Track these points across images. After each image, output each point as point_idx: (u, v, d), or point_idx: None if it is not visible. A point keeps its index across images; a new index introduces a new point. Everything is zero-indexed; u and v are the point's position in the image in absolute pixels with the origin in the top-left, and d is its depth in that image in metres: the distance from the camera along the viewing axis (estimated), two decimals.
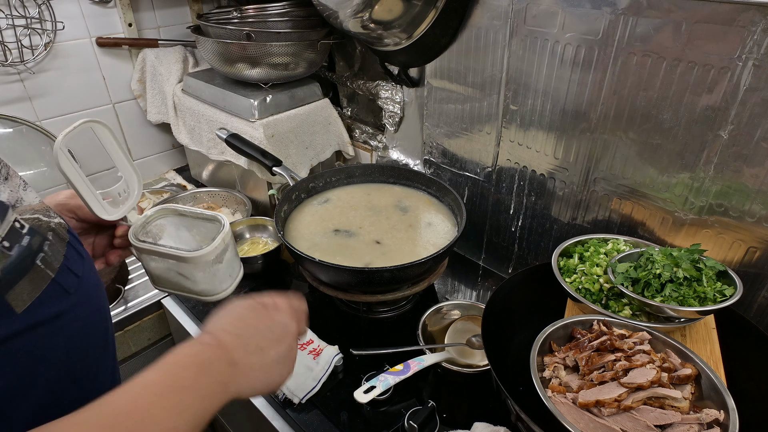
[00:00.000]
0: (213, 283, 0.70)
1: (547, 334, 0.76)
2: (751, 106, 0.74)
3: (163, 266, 0.69)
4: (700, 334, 0.81)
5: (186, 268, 0.68)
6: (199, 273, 0.68)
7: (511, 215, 1.17)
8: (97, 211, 0.62)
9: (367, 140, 1.51)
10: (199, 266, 0.68)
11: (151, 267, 0.70)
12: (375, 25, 1.08)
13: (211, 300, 0.71)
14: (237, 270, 0.75)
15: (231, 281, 0.73)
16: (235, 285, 0.74)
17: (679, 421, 0.62)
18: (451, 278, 1.26)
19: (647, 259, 0.81)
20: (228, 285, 0.72)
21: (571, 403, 0.66)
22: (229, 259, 0.72)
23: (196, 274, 0.68)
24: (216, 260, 0.69)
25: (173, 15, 1.58)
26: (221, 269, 0.70)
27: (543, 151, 1.04)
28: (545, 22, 0.91)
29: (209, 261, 0.68)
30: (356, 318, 1.11)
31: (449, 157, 1.25)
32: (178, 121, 1.53)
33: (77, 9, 1.37)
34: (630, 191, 0.93)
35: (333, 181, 1.24)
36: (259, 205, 1.48)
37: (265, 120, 1.29)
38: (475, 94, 1.11)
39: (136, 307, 1.20)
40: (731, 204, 0.81)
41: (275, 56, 1.26)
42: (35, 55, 1.32)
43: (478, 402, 0.90)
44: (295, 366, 0.94)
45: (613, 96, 0.88)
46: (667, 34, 0.78)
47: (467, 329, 1.01)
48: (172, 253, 0.67)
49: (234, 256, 0.74)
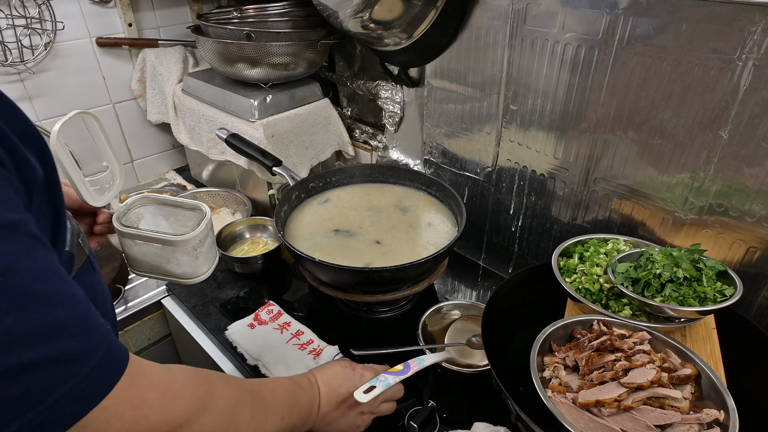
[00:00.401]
0: (194, 266, 0.75)
1: (547, 334, 0.75)
2: (751, 106, 0.74)
3: (146, 250, 0.73)
4: (700, 334, 0.81)
5: (171, 251, 0.72)
6: (183, 256, 0.73)
7: (511, 215, 1.17)
8: (85, 197, 0.66)
9: (367, 140, 1.51)
10: (184, 250, 0.72)
11: (133, 251, 0.73)
12: (375, 25, 1.08)
13: (191, 282, 0.77)
14: (214, 255, 0.80)
15: (210, 265, 0.79)
16: (213, 269, 0.79)
17: (679, 421, 0.62)
18: (451, 278, 1.26)
19: (647, 259, 0.81)
20: (207, 268, 0.78)
21: (571, 403, 0.66)
22: (210, 244, 0.77)
23: (180, 258, 0.73)
24: (199, 244, 0.74)
25: (173, 15, 1.58)
26: (203, 253, 0.75)
27: (543, 151, 1.04)
28: (545, 22, 0.91)
29: (194, 245, 0.73)
30: (356, 318, 1.11)
31: (449, 157, 1.25)
32: (178, 121, 1.53)
33: (77, 9, 1.37)
34: (630, 191, 0.93)
35: (333, 181, 1.24)
36: (259, 205, 1.48)
37: (265, 120, 1.29)
38: (475, 94, 1.11)
39: (136, 307, 1.21)
40: (731, 204, 0.81)
41: (275, 56, 1.26)
42: (35, 55, 1.32)
43: (478, 402, 0.90)
44: (295, 366, 0.95)
45: (613, 96, 0.88)
46: (667, 34, 0.78)
47: (467, 329, 1.01)
48: (160, 237, 0.71)
49: (213, 242, 0.79)
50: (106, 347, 0.43)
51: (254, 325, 1.05)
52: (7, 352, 0.36)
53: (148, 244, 0.72)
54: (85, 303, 0.43)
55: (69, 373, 0.40)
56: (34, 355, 0.37)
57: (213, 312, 1.13)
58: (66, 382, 0.39)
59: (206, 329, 1.09)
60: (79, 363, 0.40)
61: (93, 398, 0.42)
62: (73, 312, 0.41)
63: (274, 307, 1.10)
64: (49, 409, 0.38)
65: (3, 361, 0.36)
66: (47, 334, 0.38)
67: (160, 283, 1.26)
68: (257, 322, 1.06)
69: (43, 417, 0.38)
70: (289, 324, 1.05)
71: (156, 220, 0.77)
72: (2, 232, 0.37)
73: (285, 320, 1.06)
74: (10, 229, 0.38)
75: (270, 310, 1.09)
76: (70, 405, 0.40)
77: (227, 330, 1.04)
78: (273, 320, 1.07)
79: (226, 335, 1.04)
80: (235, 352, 1.01)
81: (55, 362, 0.39)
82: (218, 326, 1.08)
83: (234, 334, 1.03)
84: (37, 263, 0.39)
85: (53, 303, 0.39)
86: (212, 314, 1.12)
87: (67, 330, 0.40)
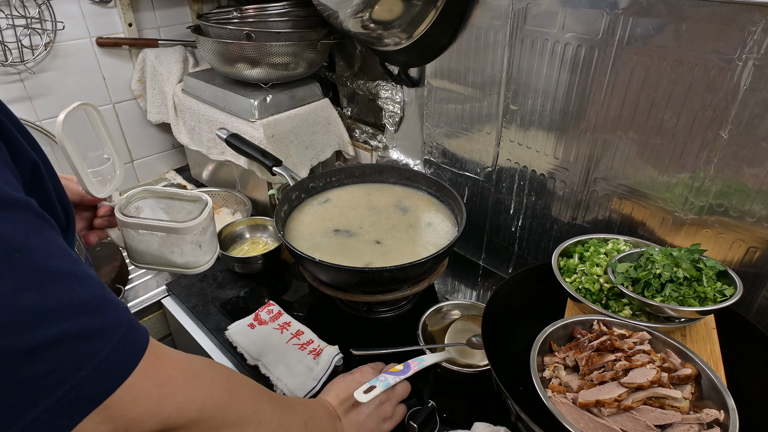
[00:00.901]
0: (197, 255, 0.76)
1: (547, 334, 0.76)
2: (751, 106, 0.74)
3: (149, 240, 0.73)
4: (700, 334, 0.81)
5: (174, 240, 0.73)
6: (186, 245, 0.73)
7: (511, 215, 1.17)
8: (89, 188, 0.67)
9: (367, 140, 1.51)
10: (188, 237, 0.73)
11: (135, 242, 0.74)
12: (375, 25, 1.08)
13: (193, 272, 0.77)
14: (216, 245, 0.81)
15: (212, 254, 0.79)
16: (215, 259, 0.79)
17: (679, 421, 0.62)
18: (451, 278, 1.26)
19: (647, 259, 0.81)
20: (210, 258, 0.78)
21: (571, 403, 0.66)
22: (212, 233, 0.78)
23: (184, 246, 0.73)
24: (202, 232, 0.74)
25: (173, 15, 1.58)
26: (205, 242, 0.76)
27: (543, 151, 1.04)
28: (545, 22, 0.91)
29: (197, 233, 0.73)
30: (356, 318, 1.11)
31: (449, 157, 1.25)
32: (178, 121, 1.53)
33: (77, 9, 1.37)
34: (630, 191, 0.93)
35: (333, 181, 1.24)
36: (259, 205, 1.48)
37: (265, 120, 1.29)
38: (475, 94, 1.11)
39: (136, 307, 1.20)
40: (731, 204, 0.81)
41: (275, 56, 1.26)
42: (35, 55, 1.32)
43: (478, 402, 0.90)
44: (295, 366, 0.95)
45: (613, 96, 0.88)
46: (667, 34, 0.78)
47: (467, 329, 1.01)
48: (163, 225, 0.71)
49: (214, 232, 0.80)
50: (126, 324, 0.43)
51: (254, 325, 1.05)
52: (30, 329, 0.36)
53: (151, 234, 0.72)
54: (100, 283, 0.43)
55: (94, 349, 0.40)
56: (57, 331, 0.37)
57: (213, 312, 1.13)
58: (92, 358, 0.39)
59: (206, 329, 1.09)
60: (103, 338, 0.40)
61: (120, 374, 0.42)
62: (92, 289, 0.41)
63: (274, 307, 1.10)
64: (78, 385, 0.39)
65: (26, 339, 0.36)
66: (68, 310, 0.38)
67: (160, 282, 1.26)
68: (257, 322, 1.06)
69: (74, 394, 0.39)
70: (289, 324, 1.05)
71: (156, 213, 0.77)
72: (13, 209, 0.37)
73: (285, 320, 1.06)
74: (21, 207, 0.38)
75: (270, 310, 1.09)
76: (98, 381, 0.40)
77: (227, 330, 1.04)
78: (273, 320, 1.07)
79: (226, 335, 1.04)
80: (235, 352, 1.01)
81: (80, 338, 0.39)
82: (218, 326, 1.08)
83: (234, 334, 1.03)
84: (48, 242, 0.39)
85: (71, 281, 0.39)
86: (212, 314, 1.12)
87: (88, 306, 0.40)
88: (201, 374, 0.51)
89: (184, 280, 1.22)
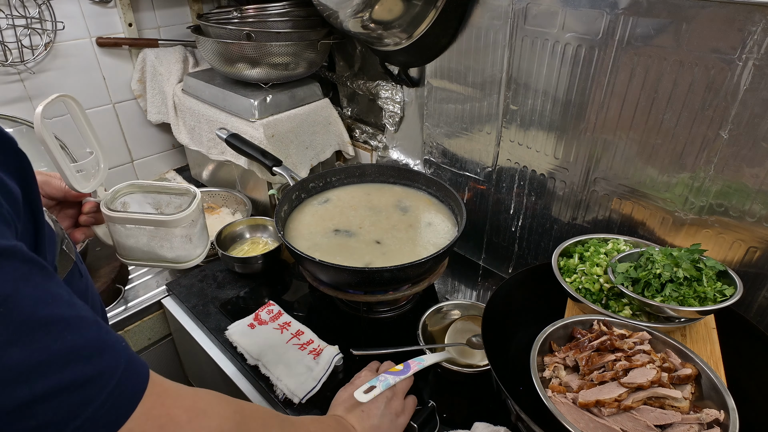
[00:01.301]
0: (188, 249, 0.74)
1: (547, 334, 0.75)
2: (751, 106, 0.74)
3: (137, 235, 0.71)
4: (700, 334, 0.80)
5: (164, 233, 0.71)
6: (176, 238, 0.72)
7: (511, 215, 1.17)
8: (73, 182, 0.65)
9: (367, 140, 1.51)
10: (177, 230, 0.71)
11: (123, 238, 0.72)
12: (375, 25, 1.08)
13: (185, 266, 0.75)
14: (206, 238, 0.79)
15: (203, 247, 0.77)
16: (206, 252, 0.78)
17: (679, 421, 0.62)
18: (451, 278, 1.26)
19: (647, 259, 0.81)
20: (201, 251, 0.77)
21: (571, 403, 0.66)
22: (201, 226, 0.76)
23: (173, 240, 0.72)
24: (192, 225, 0.73)
25: (173, 15, 1.58)
26: (196, 235, 0.74)
27: (543, 151, 1.04)
28: (545, 22, 0.91)
29: (187, 225, 0.72)
30: (356, 318, 1.11)
31: (449, 157, 1.25)
32: (178, 121, 1.53)
33: (77, 9, 1.37)
34: (630, 191, 0.93)
35: (333, 181, 1.24)
36: (259, 205, 1.48)
37: (265, 120, 1.29)
38: (475, 94, 1.11)
39: (136, 307, 1.21)
40: (731, 204, 0.81)
41: (275, 56, 1.26)
42: (35, 55, 1.32)
43: (478, 402, 0.90)
44: (295, 366, 0.95)
45: (613, 96, 0.88)
46: (668, 34, 0.78)
47: (467, 329, 1.01)
48: (152, 218, 0.69)
49: (204, 225, 0.78)
50: (123, 365, 0.41)
51: (254, 325, 1.05)
52: (17, 386, 0.34)
53: (139, 229, 0.70)
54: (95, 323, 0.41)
55: (88, 398, 0.38)
56: (47, 385, 0.36)
57: (213, 312, 1.13)
58: (86, 408, 0.38)
59: (206, 329, 1.09)
60: (98, 385, 0.39)
61: (118, 419, 0.40)
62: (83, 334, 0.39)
63: (274, 307, 1.10)
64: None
65: (14, 396, 0.34)
66: (59, 360, 0.37)
67: (160, 282, 1.26)
68: (257, 322, 1.06)
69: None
70: (289, 324, 1.05)
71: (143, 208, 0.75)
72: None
73: (285, 320, 1.06)
74: (6, 256, 0.36)
75: (270, 310, 1.09)
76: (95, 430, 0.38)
77: (227, 330, 1.04)
78: (273, 320, 1.07)
79: (226, 335, 1.04)
80: (235, 352, 1.01)
81: (71, 389, 0.37)
82: (218, 326, 1.08)
83: (234, 334, 1.03)
84: (37, 289, 0.37)
85: (60, 328, 0.38)
86: (212, 314, 1.12)
87: (81, 352, 0.39)
88: (205, 410, 0.49)
89: (184, 280, 1.22)
